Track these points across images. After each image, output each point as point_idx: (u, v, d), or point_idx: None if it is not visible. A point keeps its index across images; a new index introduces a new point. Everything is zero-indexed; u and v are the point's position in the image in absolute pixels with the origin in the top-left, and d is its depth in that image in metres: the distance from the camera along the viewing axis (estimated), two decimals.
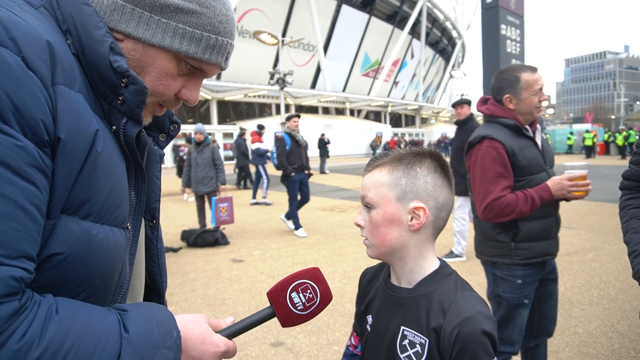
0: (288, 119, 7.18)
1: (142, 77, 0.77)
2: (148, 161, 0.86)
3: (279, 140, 7.05)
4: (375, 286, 1.14)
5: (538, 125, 2.26)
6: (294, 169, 7.03)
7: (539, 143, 2.24)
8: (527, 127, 2.19)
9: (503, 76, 2.20)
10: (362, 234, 1.05)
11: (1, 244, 0.55)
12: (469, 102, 5.55)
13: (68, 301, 0.64)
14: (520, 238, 2.15)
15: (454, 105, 5.58)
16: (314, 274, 0.90)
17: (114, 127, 0.76)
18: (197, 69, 0.81)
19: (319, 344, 3.32)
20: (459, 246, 5.57)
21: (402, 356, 0.96)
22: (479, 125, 5.48)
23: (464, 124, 5.51)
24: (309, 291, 0.88)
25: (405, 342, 0.97)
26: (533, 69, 2.16)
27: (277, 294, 0.87)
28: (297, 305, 0.87)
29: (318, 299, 0.88)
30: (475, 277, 4.70)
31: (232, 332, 0.83)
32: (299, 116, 7.27)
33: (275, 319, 0.88)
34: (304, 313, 0.88)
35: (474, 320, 0.89)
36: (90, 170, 0.67)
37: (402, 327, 0.98)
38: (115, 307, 0.71)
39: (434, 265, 1.03)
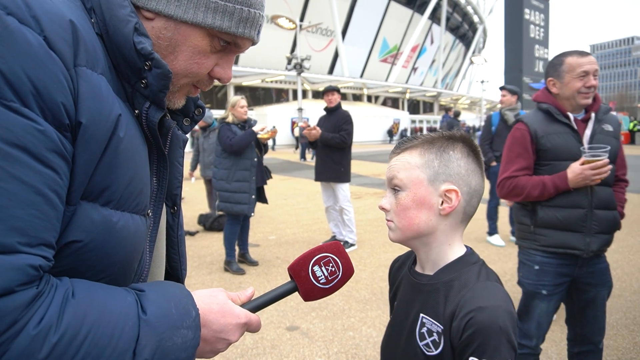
0: (502, 88, 5.68)
1: (175, 57, 0.75)
2: (171, 146, 0.84)
3: (487, 119, 5.83)
4: (402, 273, 1.12)
5: (593, 114, 2.12)
6: (495, 158, 5.37)
7: (587, 132, 2.11)
8: (567, 113, 2.11)
9: (552, 60, 2.20)
10: (387, 217, 1.02)
11: (20, 232, 0.54)
12: (338, 90, 5.51)
13: (85, 283, 0.62)
14: (540, 223, 2.12)
15: (324, 93, 5.52)
16: (336, 248, 0.88)
17: (136, 111, 0.74)
18: (230, 44, 0.78)
19: (334, 329, 3.33)
20: (351, 234, 5.52)
21: (421, 344, 0.94)
22: (346, 113, 5.54)
23: (333, 111, 5.46)
24: (331, 264, 0.86)
25: (424, 329, 0.94)
26: (582, 54, 2.09)
27: (299, 268, 0.85)
28: (319, 278, 0.85)
29: (340, 272, 0.87)
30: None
31: (254, 306, 0.82)
32: (513, 92, 5.49)
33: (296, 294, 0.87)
34: (327, 287, 0.86)
35: (490, 310, 0.84)
36: (111, 157, 0.65)
37: (421, 315, 0.96)
38: (133, 287, 0.69)
39: (459, 252, 0.99)
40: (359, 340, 3.16)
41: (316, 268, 0.85)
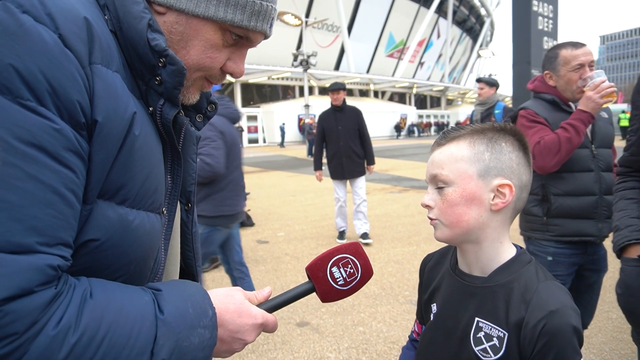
0: (478, 80, 5.79)
1: (187, 51, 0.74)
2: (184, 143, 0.83)
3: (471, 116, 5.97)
4: (441, 273, 1.06)
5: None
6: None
7: None
8: (569, 103, 2.14)
9: (547, 53, 2.20)
10: (429, 215, 0.96)
11: (38, 232, 0.54)
12: (343, 87, 5.57)
13: (102, 283, 0.62)
14: (553, 213, 2.11)
15: (330, 91, 5.56)
16: (355, 249, 0.86)
17: (150, 109, 0.74)
18: (242, 38, 0.77)
19: (344, 324, 3.34)
20: (367, 225, 5.63)
21: (476, 349, 0.89)
22: (355, 108, 5.67)
23: (343, 109, 5.56)
24: (350, 266, 0.84)
25: (481, 334, 0.89)
26: (576, 45, 2.10)
27: (317, 269, 0.84)
28: (337, 280, 0.83)
29: (359, 274, 0.85)
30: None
31: (271, 306, 0.81)
32: (491, 84, 5.59)
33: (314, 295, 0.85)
34: (345, 288, 0.84)
35: (561, 313, 0.82)
36: (127, 155, 0.65)
37: (476, 319, 0.91)
38: (149, 286, 0.69)
39: (511, 252, 0.94)
40: (369, 335, 3.16)
41: (334, 269, 0.84)
